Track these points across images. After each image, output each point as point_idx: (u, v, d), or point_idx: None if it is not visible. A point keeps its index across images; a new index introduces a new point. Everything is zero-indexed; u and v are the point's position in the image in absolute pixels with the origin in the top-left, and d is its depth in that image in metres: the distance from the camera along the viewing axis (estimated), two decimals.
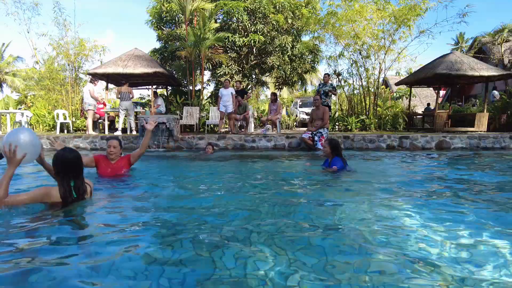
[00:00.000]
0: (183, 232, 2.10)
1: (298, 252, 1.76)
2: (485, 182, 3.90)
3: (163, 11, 13.93)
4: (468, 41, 27.90)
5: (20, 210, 2.41)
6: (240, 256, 1.70)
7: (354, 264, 1.64)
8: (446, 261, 1.67)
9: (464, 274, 1.54)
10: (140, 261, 1.67)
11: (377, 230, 2.14)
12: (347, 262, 1.66)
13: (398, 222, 2.31)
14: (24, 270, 1.56)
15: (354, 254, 1.76)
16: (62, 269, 1.60)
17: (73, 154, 2.54)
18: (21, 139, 2.38)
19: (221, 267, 1.59)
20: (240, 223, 2.29)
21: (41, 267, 1.58)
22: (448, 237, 2.02)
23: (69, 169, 2.50)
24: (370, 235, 2.03)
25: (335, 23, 11.98)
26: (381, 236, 2.03)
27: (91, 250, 1.84)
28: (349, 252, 1.79)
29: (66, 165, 2.49)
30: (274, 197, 3.16)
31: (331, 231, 2.15)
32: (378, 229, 2.15)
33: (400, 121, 12.35)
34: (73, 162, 2.52)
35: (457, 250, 1.82)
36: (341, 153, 4.51)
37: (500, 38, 16.47)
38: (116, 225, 2.26)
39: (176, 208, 2.74)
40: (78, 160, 2.55)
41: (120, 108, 9.76)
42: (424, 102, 22.66)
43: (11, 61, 28.65)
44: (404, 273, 1.55)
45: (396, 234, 2.06)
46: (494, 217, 2.43)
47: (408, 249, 1.84)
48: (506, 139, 8.38)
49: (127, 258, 1.71)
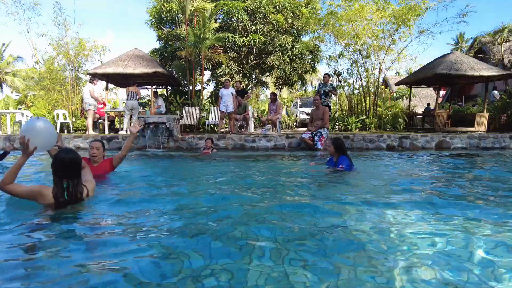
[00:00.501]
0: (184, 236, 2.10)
1: (304, 252, 1.77)
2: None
3: (163, 11, 13.93)
4: (468, 41, 27.90)
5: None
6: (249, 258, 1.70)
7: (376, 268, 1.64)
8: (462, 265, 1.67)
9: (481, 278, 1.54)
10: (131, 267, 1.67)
11: (388, 232, 2.14)
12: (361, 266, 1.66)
13: (407, 225, 2.27)
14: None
15: (369, 257, 1.73)
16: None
17: (71, 156, 2.54)
18: (34, 130, 2.52)
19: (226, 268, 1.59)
20: (249, 221, 2.29)
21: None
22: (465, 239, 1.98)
23: (65, 171, 2.50)
24: (379, 236, 2.03)
25: (335, 23, 11.98)
26: (391, 238, 2.03)
27: (84, 250, 1.84)
28: (363, 257, 1.75)
29: (63, 166, 2.49)
30: (281, 197, 3.14)
31: (338, 231, 2.15)
32: (389, 233, 2.14)
33: (400, 121, 12.35)
34: (70, 164, 2.51)
35: (476, 254, 1.77)
36: (346, 152, 4.45)
37: (500, 38, 16.47)
38: (110, 227, 2.26)
39: (173, 210, 2.74)
40: (75, 162, 2.55)
41: (126, 108, 9.71)
42: (424, 102, 22.66)
43: (11, 61, 28.65)
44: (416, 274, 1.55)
45: (405, 238, 2.06)
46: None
47: (420, 252, 1.84)
48: (506, 139, 8.39)
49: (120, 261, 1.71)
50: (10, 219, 2.38)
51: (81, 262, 1.65)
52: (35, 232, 2.12)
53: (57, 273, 1.53)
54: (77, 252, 1.79)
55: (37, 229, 2.15)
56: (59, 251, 1.79)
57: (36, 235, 2.07)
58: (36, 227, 2.19)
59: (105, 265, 1.62)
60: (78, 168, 2.59)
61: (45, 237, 2.04)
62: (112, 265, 1.62)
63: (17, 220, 2.34)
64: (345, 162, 4.27)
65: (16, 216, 2.42)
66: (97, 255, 1.77)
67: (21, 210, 2.50)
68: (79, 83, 13.46)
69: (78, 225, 2.25)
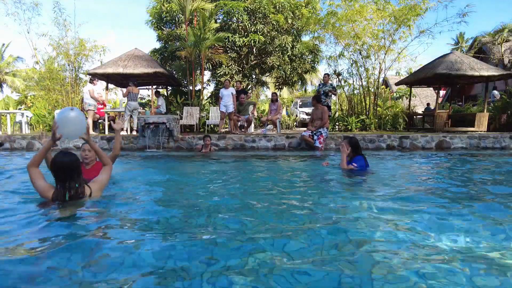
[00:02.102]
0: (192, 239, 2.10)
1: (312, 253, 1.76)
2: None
3: (163, 11, 13.94)
4: (468, 41, 27.89)
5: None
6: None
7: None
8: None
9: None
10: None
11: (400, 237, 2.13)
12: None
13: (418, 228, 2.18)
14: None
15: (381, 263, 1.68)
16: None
17: (69, 158, 2.55)
18: (64, 119, 2.71)
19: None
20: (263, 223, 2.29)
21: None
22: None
23: (63, 172, 2.52)
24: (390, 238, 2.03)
25: (335, 23, 11.98)
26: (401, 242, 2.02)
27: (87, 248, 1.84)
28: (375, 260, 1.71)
29: (61, 168, 2.51)
30: (296, 198, 3.12)
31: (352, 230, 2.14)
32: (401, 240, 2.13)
33: (400, 121, 12.35)
34: (68, 166, 2.52)
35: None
36: (361, 151, 4.35)
37: (500, 38, 16.47)
38: (111, 226, 2.26)
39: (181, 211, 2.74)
40: (74, 164, 2.55)
41: (128, 109, 9.69)
42: (424, 102, 22.65)
43: (11, 61, 28.66)
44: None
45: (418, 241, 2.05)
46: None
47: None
48: (506, 139, 8.38)
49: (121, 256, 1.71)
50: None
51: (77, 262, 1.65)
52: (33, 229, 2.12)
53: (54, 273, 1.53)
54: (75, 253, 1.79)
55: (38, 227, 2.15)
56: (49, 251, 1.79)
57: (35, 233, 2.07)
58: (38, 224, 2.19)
59: (98, 268, 1.62)
60: (76, 170, 2.58)
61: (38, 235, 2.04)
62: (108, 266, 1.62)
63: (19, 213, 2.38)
64: (359, 162, 4.16)
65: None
66: (92, 257, 1.77)
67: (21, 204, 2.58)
68: (79, 83, 13.47)
69: (71, 225, 2.23)
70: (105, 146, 8.57)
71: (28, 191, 3.06)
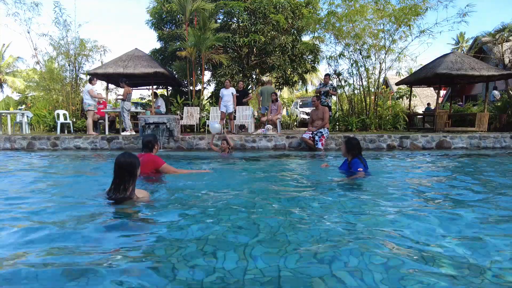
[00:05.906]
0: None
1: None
2: None
3: (164, 11, 13.94)
4: (468, 41, 27.88)
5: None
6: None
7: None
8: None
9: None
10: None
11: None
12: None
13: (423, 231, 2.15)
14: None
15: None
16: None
17: (127, 160, 2.62)
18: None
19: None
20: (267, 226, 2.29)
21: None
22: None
23: (118, 172, 2.61)
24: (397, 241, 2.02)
25: (336, 23, 11.96)
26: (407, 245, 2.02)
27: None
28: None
29: (117, 167, 2.61)
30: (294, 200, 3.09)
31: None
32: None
33: (400, 121, 12.34)
34: (124, 167, 2.60)
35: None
36: (361, 153, 4.05)
37: (500, 37, 16.41)
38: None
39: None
40: (129, 166, 2.61)
41: (126, 108, 9.64)
42: (425, 102, 22.64)
43: (11, 61, 28.67)
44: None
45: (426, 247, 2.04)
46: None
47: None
48: (507, 139, 8.38)
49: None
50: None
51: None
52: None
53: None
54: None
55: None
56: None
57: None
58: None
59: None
60: (131, 173, 2.62)
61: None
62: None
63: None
64: (354, 166, 3.90)
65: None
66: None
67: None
68: (80, 84, 13.47)
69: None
70: (105, 146, 8.58)
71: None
